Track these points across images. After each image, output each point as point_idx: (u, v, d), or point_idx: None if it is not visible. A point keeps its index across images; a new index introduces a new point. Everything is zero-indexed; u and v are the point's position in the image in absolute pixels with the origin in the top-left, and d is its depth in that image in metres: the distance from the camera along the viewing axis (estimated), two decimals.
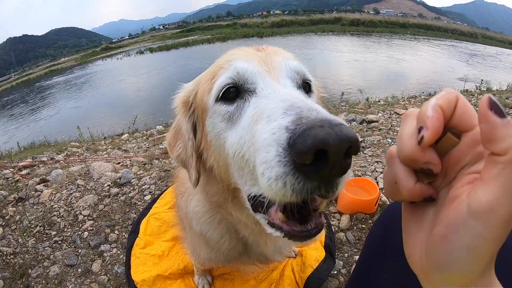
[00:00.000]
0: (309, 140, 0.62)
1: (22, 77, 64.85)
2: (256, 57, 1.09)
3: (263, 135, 0.76)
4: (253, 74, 1.02)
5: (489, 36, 65.46)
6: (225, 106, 1.03)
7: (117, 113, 15.71)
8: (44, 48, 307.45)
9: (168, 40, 66.95)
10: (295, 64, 1.11)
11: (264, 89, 0.97)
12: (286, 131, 0.69)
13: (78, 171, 4.31)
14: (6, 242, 3.19)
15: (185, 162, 1.25)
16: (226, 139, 1.02)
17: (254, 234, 1.40)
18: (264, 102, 0.91)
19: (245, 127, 0.92)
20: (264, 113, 0.84)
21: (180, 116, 1.26)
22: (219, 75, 1.08)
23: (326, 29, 58.03)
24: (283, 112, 0.76)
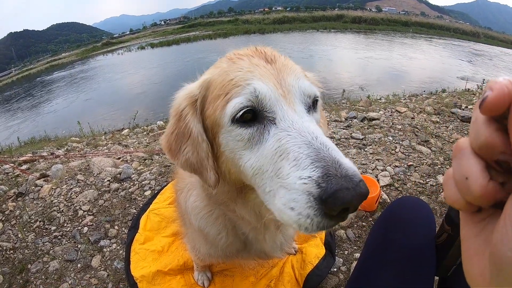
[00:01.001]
0: (338, 202, 0.79)
1: (22, 72, 64.84)
2: (270, 75, 1.10)
3: (293, 179, 0.89)
4: (271, 101, 1.05)
5: (492, 36, 65.13)
6: (244, 130, 1.06)
7: (118, 108, 15.70)
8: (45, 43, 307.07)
9: (169, 36, 66.76)
10: (306, 86, 1.13)
11: (282, 119, 1.03)
12: (317, 187, 0.82)
13: (78, 166, 4.30)
14: (6, 237, 3.18)
15: (196, 165, 1.20)
16: (243, 157, 1.07)
17: (255, 230, 1.41)
18: (286, 138, 0.98)
19: (267, 158, 1.00)
20: (290, 154, 0.93)
21: (189, 118, 1.20)
22: (234, 93, 1.07)
23: (328, 26, 57.89)
24: (311, 163, 0.88)
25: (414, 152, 4.13)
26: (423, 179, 3.56)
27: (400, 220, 1.49)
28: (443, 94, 9.10)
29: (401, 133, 4.73)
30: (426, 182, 3.51)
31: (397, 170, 3.67)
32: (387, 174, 3.58)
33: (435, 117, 5.42)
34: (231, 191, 1.27)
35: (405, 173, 3.64)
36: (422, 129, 4.84)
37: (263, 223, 1.36)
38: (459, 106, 6.04)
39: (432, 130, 4.78)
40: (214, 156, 1.18)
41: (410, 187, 3.43)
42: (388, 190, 3.39)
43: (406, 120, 5.32)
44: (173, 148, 1.23)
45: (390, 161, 3.91)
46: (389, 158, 4.00)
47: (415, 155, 4.04)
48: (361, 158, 4.02)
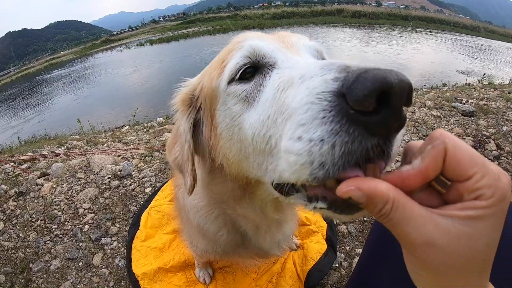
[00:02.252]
0: (369, 82, 0.53)
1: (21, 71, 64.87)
2: (269, 37, 1.01)
3: (299, 96, 0.67)
4: (270, 50, 0.92)
5: (492, 30, 65.02)
6: (241, 85, 0.92)
7: (118, 106, 15.70)
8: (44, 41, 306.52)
9: (168, 32, 66.70)
10: (313, 43, 1.05)
11: (285, 61, 0.88)
12: (334, 82, 0.60)
13: (78, 164, 4.29)
14: (7, 236, 3.18)
15: (181, 166, 1.13)
16: (243, 123, 0.90)
17: (255, 228, 1.37)
18: (290, 71, 0.81)
19: (268, 99, 0.81)
20: (295, 78, 0.73)
21: (178, 115, 1.15)
22: (230, 57, 0.97)
23: (327, 21, 57.83)
24: (321, 69, 0.66)
25: None
26: None
27: None
28: (444, 89, 9.08)
29: None
30: None
31: (398, 165, 3.64)
32: (388, 169, 3.56)
33: (436, 111, 5.40)
34: (234, 189, 1.14)
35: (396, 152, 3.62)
36: (423, 123, 4.83)
37: (267, 222, 1.30)
38: (460, 101, 6.02)
39: (433, 125, 4.77)
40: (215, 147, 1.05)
41: None
42: None
43: (407, 114, 5.28)
44: (170, 145, 1.20)
45: None
46: None
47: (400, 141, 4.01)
48: None
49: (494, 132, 4.49)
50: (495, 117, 5.10)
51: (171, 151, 1.18)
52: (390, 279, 1.31)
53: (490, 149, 4.01)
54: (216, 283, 2.44)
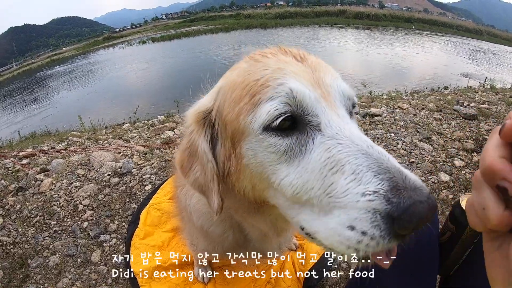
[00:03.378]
0: (414, 218, 0.68)
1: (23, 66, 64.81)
2: (304, 73, 0.95)
3: (353, 196, 0.76)
4: (311, 102, 0.90)
5: (495, 34, 64.80)
6: (279, 139, 0.90)
7: (119, 103, 15.69)
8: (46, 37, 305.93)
9: (170, 30, 66.66)
10: (346, 88, 1.01)
11: (328, 125, 0.89)
12: (387, 203, 0.71)
13: (78, 161, 4.28)
14: (6, 232, 3.17)
15: (203, 187, 1.09)
16: (277, 172, 0.92)
17: (260, 234, 1.38)
18: (337, 147, 0.84)
19: (314, 172, 0.85)
20: (345, 166, 0.80)
21: (194, 136, 1.08)
22: (264, 95, 0.91)
23: (330, 22, 57.73)
24: (375, 175, 0.76)
25: (416, 149, 4.11)
26: (425, 176, 3.55)
27: None
28: (445, 91, 9.08)
29: (403, 129, 4.70)
30: (428, 179, 3.50)
31: None
32: None
33: (437, 114, 5.39)
34: (250, 206, 1.16)
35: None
36: (424, 126, 4.81)
37: (275, 231, 1.31)
38: (461, 104, 6.01)
39: (434, 127, 4.76)
40: (236, 172, 1.04)
41: None
42: None
43: (408, 116, 5.29)
44: (185, 165, 1.14)
45: None
46: (391, 154, 3.96)
47: (417, 152, 4.02)
48: None
49: None
50: (496, 121, 5.09)
51: (189, 173, 1.12)
52: (392, 281, 1.31)
53: None
54: (214, 282, 2.44)
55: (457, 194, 3.32)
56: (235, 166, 1.02)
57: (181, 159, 1.15)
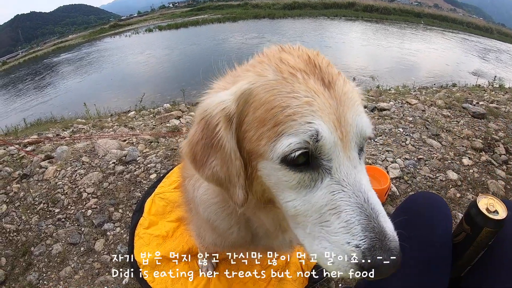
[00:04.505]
0: (377, 275, 0.87)
1: (29, 54, 64.81)
2: (329, 109, 0.96)
3: (340, 239, 0.92)
4: (330, 147, 0.96)
5: (505, 33, 63.64)
6: (294, 173, 0.99)
7: (124, 91, 15.67)
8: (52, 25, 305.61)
9: (177, 19, 66.13)
10: (365, 125, 1.02)
11: (338, 170, 0.98)
12: (362, 257, 0.87)
13: (83, 148, 4.26)
14: (10, 219, 3.17)
15: (224, 181, 1.08)
16: (285, 194, 1.03)
17: (268, 230, 1.42)
18: (339, 193, 0.96)
19: (315, 206, 0.97)
20: (342, 213, 0.93)
21: (222, 132, 1.04)
22: (287, 128, 0.93)
23: (339, 14, 57.00)
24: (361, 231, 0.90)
25: (424, 146, 4.05)
26: (433, 173, 3.51)
27: (417, 216, 1.42)
28: (454, 88, 8.97)
29: (411, 125, 4.64)
30: (436, 176, 3.45)
31: (407, 163, 3.61)
32: (397, 166, 3.52)
33: (446, 111, 5.32)
34: (257, 205, 1.23)
35: (415, 166, 3.58)
36: (433, 122, 4.75)
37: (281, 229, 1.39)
38: (470, 102, 5.92)
39: (443, 124, 4.69)
40: (246, 174, 1.08)
41: (420, 181, 3.37)
42: (398, 183, 3.33)
43: (417, 112, 5.22)
44: (198, 158, 1.10)
45: (400, 153, 3.84)
46: (399, 150, 3.93)
47: (426, 149, 3.97)
48: (371, 148, 3.96)
49: (504, 136, 4.41)
50: (505, 121, 5.01)
51: (203, 166, 1.10)
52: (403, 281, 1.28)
53: (499, 153, 3.94)
54: (219, 273, 2.42)
55: (464, 193, 3.28)
56: (251, 172, 1.09)
57: (193, 151, 1.11)
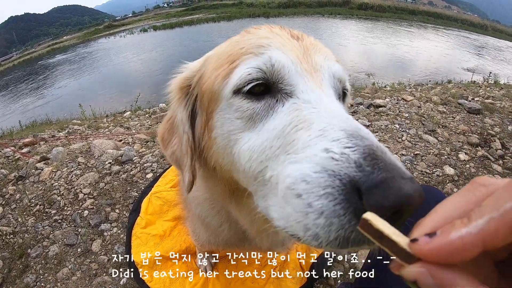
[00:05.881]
0: (392, 196, 0.50)
1: (24, 55, 64.55)
2: (293, 48, 0.88)
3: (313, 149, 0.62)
4: (291, 74, 0.82)
5: (500, 29, 64.12)
6: (249, 103, 0.83)
7: (120, 91, 15.65)
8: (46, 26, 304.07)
9: (172, 18, 66.20)
10: (338, 69, 0.92)
11: (305, 92, 0.79)
12: (355, 167, 0.56)
13: (79, 149, 4.24)
14: (6, 221, 3.14)
15: (179, 161, 1.03)
16: (239, 141, 0.84)
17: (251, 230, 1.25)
18: (309, 109, 0.74)
19: (276, 129, 0.75)
20: (314, 124, 0.68)
21: (174, 104, 1.04)
22: (244, 60, 0.85)
23: (333, 12, 57.20)
24: (347, 137, 0.62)
25: (420, 141, 4.06)
26: (430, 169, 3.51)
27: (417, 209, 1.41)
28: (449, 85, 9.00)
29: (407, 121, 4.65)
30: (433, 172, 3.46)
31: (403, 159, 3.62)
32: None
33: (442, 107, 5.34)
34: (224, 191, 1.08)
35: (411, 162, 3.59)
36: (428, 118, 4.76)
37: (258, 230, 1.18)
38: (466, 98, 5.95)
39: (438, 120, 4.71)
40: (202, 149, 1.00)
41: (417, 177, 3.38)
42: None
43: (413, 108, 5.23)
44: (165, 137, 1.10)
45: (396, 149, 3.85)
46: (395, 146, 3.94)
47: (422, 144, 3.98)
48: None
49: (500, 131, 4.44)
50: (500, 116, 5.04)
51: (168, 145, 1.08)
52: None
53: (495, 148, 3.96)
54: (217, 272, 2.41)
55: (461, 188, 3.28)
56: (207, 140, 0.96)
57: (162, 131, 1.11)
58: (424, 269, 0.41)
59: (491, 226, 0.37)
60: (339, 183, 0.56)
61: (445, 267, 0.40)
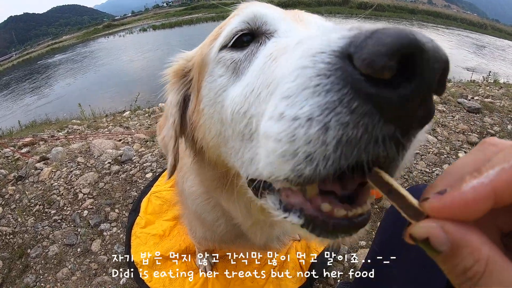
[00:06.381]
0: (389, 37, 0.37)
1: (23, 55, 64.52)
2: (278, 8, 0.88)
3: (289, 61, 0.51)
4: (274, 18, 0.78)
5: (499, 29, 64.03)
6: (232, 53, 0.78)
7: (119, 91, 15.61)
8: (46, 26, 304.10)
9: (171, 18, 66.21)
10: (330, 23, 0.87)
11: (288, 30, 0.74)
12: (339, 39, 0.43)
13: (78, 149, 4.24)
14: (6, 221, 3.14)
15: (167, 146, 1.00)
16: (226, 98, 0.76)
17: (245, 224, 1.20)
18: (289, 38, 0.68)
19: (256, 69, 0.67)
20: (290, 43, 0.60)
21: (168, 87, 1.04)
22: (229, 22, 0.84)
23: (333, 11, 57.12)
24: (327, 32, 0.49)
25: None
26: (429, 168, 3.51)
27: None
28: (448, 84, 8.98)
29: None
30: (432, 171, 3.46)
31: None
32: None
33: (441, 106, 5.32)
34: (214, 179, 1.02)
35: (411, 161, 3.58)
36: None
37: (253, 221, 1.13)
38: (465, 97, 5.94)
39: (438, 119, 4.70)
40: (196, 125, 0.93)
41: (416, 176, 3.37)
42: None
43: None
44: (161, 124, 1.13)
45: None
46: None
47: (421, 144, 3.98)
48: None
49: (499, 130, 4.44)
50: (500, 116, 5.03)
51: (161, 131, 1.10)
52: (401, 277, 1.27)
53: None
54: (216, 271, 2.41)
55: None
56: (196, 115, 0.92)
57: (162, 119, 1.14)
58: (436, 225, 0.39)
59: (503, 176, 0.37)
60: (323, 65, 0.43)
61: (457, 222, 0.39)
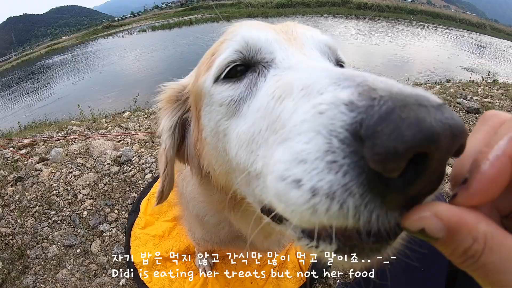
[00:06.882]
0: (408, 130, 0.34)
1: (23, 56, 64.49)
2: (269, 27, 0.85)
3: (300, 114, 0.48)
4: (268, 42, 0.76)
5: (498, 29, 63.98)
6: (228, 85, 0.77)
7: (119, 92, 15.62)
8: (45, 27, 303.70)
9: (171, 19, 66.09)
10: (325, 37, 0.86)
11: (286, 59, 0.72)
12: (347, 109, 0.40)
13: (78, 149, 4.23)
14: (5, 222, 3.14)
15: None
16: (228, 131, 0.74)
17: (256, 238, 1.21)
18: (290, 73, 0.65)
19: (261, 108, 0.64)
20: (295, 86, 0.55)
21: (161, 113, 1.03)
22: (221, 49, 0.82)
23: (332, 12, 57.14)
24: (334, 82, 0.47)
25: None
26: None
27: None
28: (448, 84, 9.00)
29: None
30: None
31: None
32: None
33: None
34: (222, 201, 1.01)
35: None
36: None
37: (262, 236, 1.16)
38: (465, 97, 5.94)
39: None
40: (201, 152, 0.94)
41: None
42: None
43: None
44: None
45: None
46: None
47: None
48: None
49: None
50: None
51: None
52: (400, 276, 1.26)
53: None
54: (216, 271, 2.41)
55: None
56: (199, 143, 0.92)
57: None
58: (429, 213, 0.38)
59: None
60: (336, 143, 0.40)
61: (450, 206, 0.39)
